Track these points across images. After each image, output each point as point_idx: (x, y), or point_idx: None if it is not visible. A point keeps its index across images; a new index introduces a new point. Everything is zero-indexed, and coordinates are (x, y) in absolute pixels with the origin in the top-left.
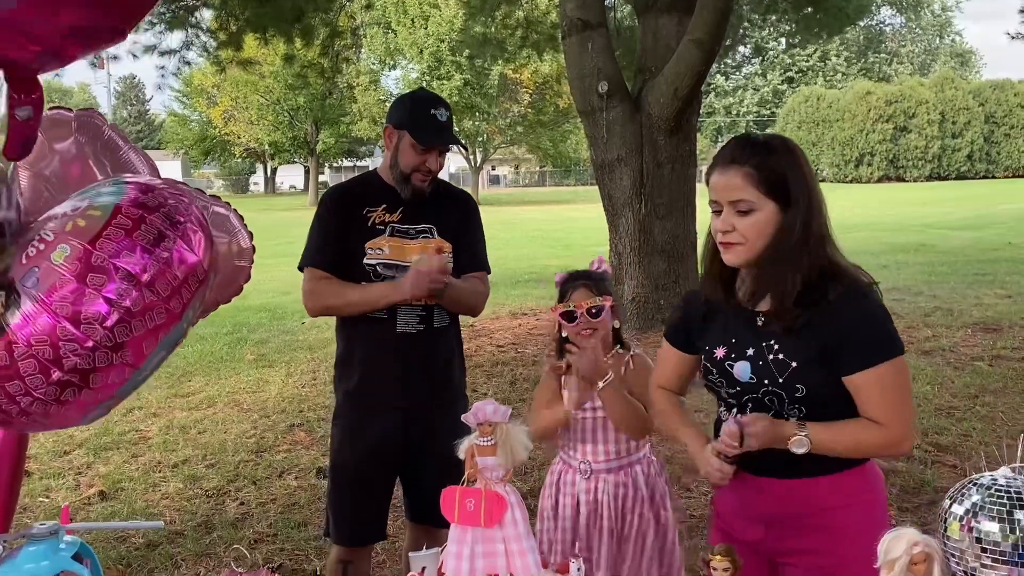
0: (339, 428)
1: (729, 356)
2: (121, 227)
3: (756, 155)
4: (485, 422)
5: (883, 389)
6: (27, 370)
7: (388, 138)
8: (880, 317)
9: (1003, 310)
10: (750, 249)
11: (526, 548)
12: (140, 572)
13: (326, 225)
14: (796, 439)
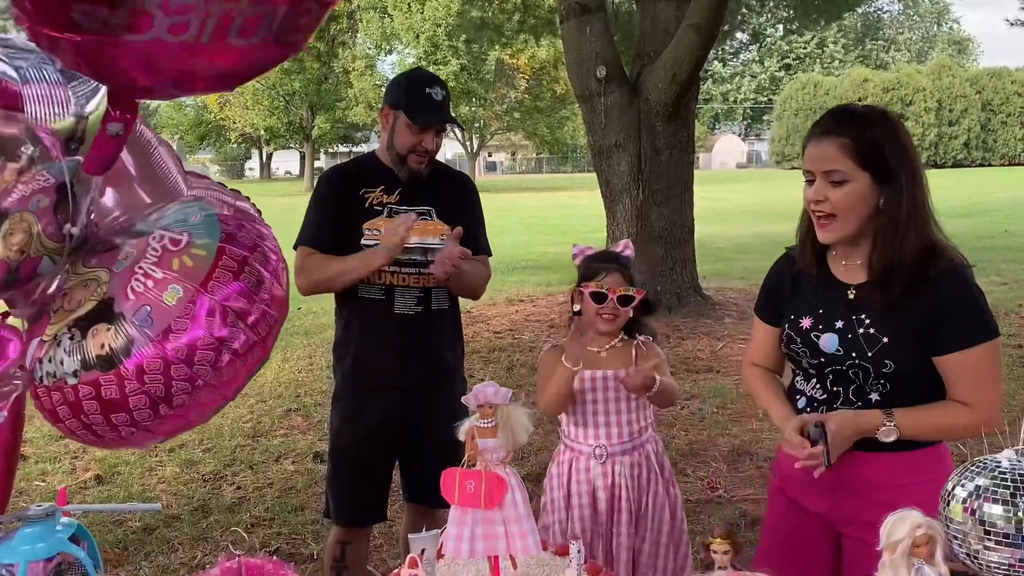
0: (338, 410)
1: (816, 327)
2: (228, 269)
3: (854, 127)
4: (486, 404)
5: (977, 371)
6: (137, 405)
7: (384, 119)
8: (978, 298)
9: (999, 297)
10: (844, 225)
11: (526, 530)
12: (137, 556)
13: (322, 206)
14: (884, 429)
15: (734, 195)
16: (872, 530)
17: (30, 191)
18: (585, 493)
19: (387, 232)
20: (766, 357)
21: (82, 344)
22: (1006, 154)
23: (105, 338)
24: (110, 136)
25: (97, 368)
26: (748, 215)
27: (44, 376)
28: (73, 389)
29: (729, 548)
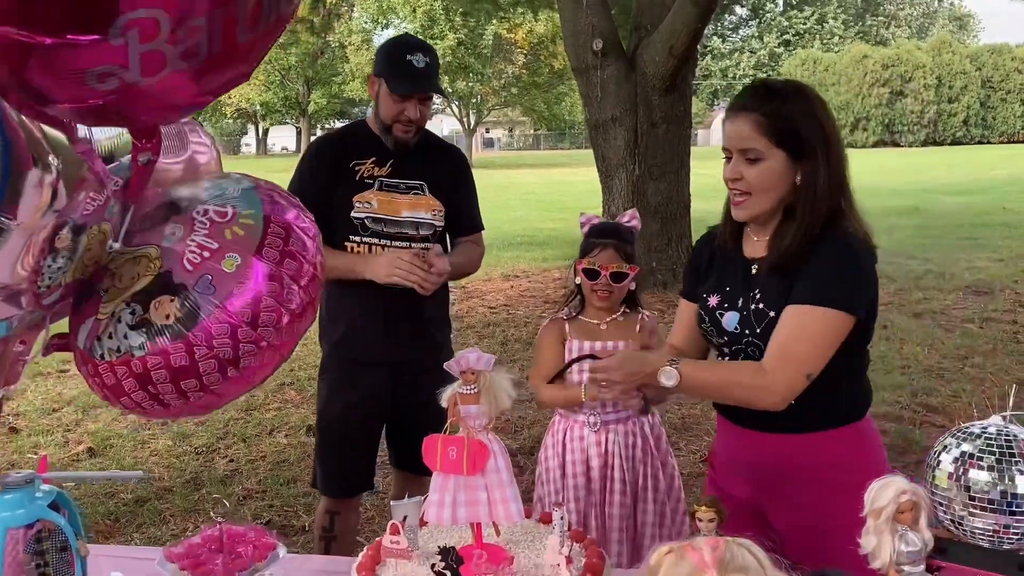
0: (326, 381)
1: (721, 305)
2: (277, 236)
3: (768, 102)
4: (468, 370)
5: (792, 330)
6: (206, 370)
7: (371, 87)
8: (846, 267)
9: (995, 273)
10: (759, 202)
11: (509, 496)
12: (128, 527)
13: (311, 176)
14: (664, 370)
15: None
16: (806, 513)
17: (103, 200)
18: (579, 462)
19: (390, 262)
20: (683, 336)
21: (146, 317)
22: (1005, 131)
23: (169, 309)
24: (142, 165)
25: (165, 337)
26: None
27: (106, 353)
28: (141, 361)
29: (715, 516)
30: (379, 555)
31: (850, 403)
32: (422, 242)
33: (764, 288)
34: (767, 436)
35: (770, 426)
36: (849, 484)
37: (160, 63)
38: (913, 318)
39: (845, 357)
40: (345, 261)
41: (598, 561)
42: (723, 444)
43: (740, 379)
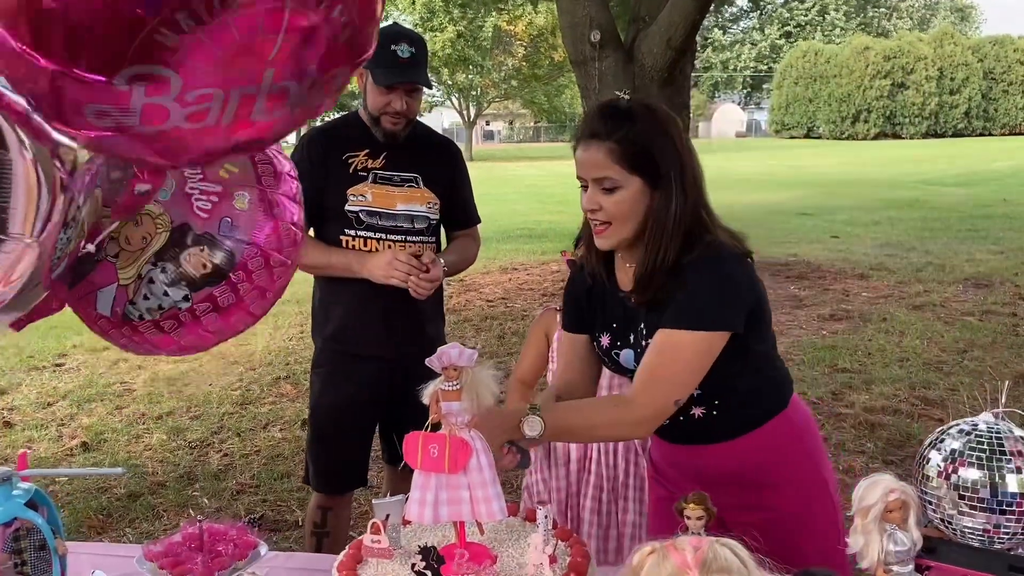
0: (319, 376)
1: (615, 344)
2: (264, 163)
3: (618, 127)
4: (450, 366)
5: (658, 355)
6: (251, 299)
7: (359, 78)
8: (711, 285)
9: (995, 266)
10: (619, 231)
11: (491, 495)
12: (121, 522)
13: (301, 169)
14: (527, 420)
15: (732, 164)
16: (757, 512)
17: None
18: (562, 452)
19: (388, 263)
20: (571, 372)
21: (182, 272)
22: (1007, 123)
23: (202, 258)
24: (138, 195)
25: (209, 285)
26: (746, 184)
27: (145, 313)
28: (190, 311)
29: (703, 514)
30: (360, 554)
31: (767, 400)
32: (418, 235)
33: (647, 320)
34: (694, 448)
35: (694, 439)
36: (791, 476)
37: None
38: (913, 311)
39: (744, 362)
40: (341, 258)
41: (583, 560)
42: (658, 453)
43: (603, 418)
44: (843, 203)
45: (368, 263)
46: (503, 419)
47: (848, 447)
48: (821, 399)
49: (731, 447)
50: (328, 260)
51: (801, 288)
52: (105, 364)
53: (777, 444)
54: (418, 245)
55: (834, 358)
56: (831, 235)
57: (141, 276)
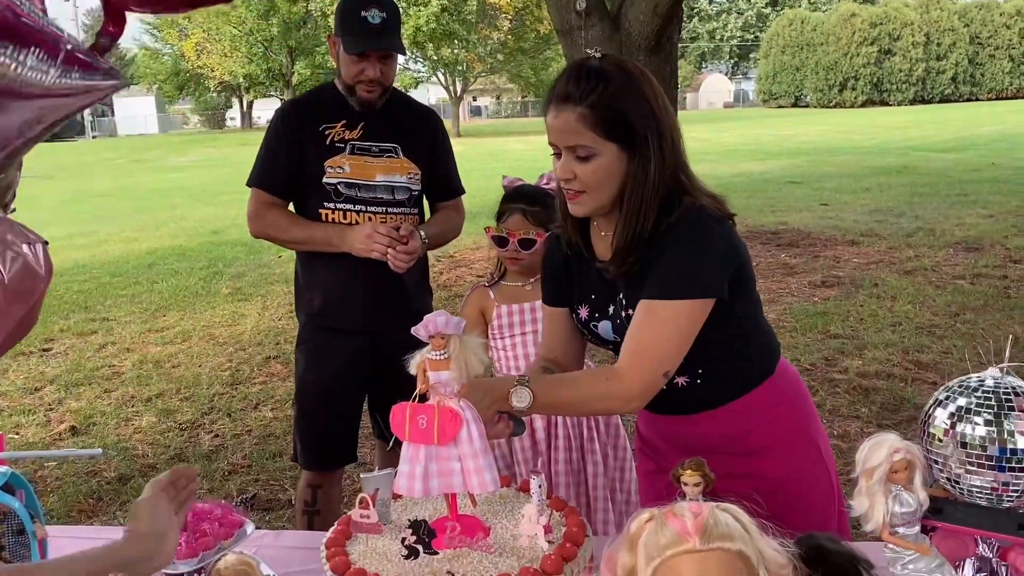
0: (304, 352)
1: (593, 316)
2: None
3: (591, 90)
4: (437, 334)
5: (643, 326)
6: None
7: (332, 47)
8: (693, 251)
9: (984, 229)
10: (595, 198)
11: (483, 465)
12: (111, 505)
13: (277, 143)
14: (516, 391)
15: (720, 135)
16: (747, 480)
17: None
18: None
19: (368, 236)
20: (555, 346)
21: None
22: (993, 88)
23: None
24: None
25: None
26: (734, 154)
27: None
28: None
29: (700, 480)
30: (349, 530)
31: (756, 363)
32: (399, 207)
33: (625, 290)
34: (680, 418)
35: (680, 409)
36: (780, 442)
37: None
38: (904, 276)
39: (728, 328)
40: (321, 232)
41: (578, 530)
42: (644, 424)
43: (593, 392)
44: (832, 171)
45: (348, 236)
46: (491, 389)
47: (842, 412)
48: (814, 365)
49: (717, 415)
50: (308, 235)
51: (792, 256)
52: (92, 348)
53: (765, 410)
54: (399, 217)
55: (826, 324)
56: (820, 203)
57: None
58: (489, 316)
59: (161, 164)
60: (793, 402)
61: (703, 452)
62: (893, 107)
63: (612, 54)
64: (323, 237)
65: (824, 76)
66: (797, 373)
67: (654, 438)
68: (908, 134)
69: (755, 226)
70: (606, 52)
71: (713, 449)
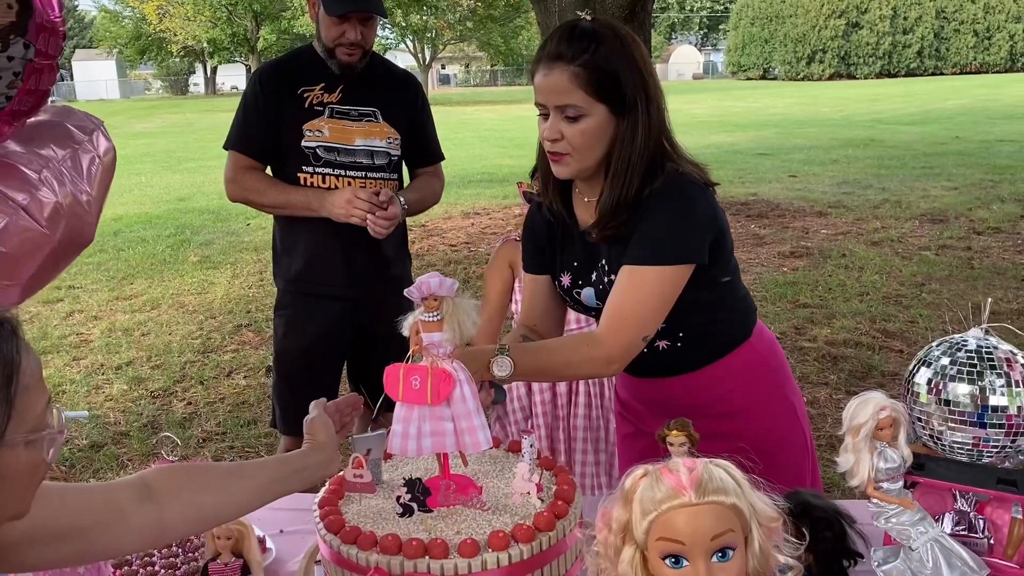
0: (282, 318)
1: (576, 283)
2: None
3: (584, 50)
4: (430, 296)
5: (624, 290)
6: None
7: (312, 8)
8: (675, 217)
9: (949, 201)
10: (580, 160)
11: (476, 425)
12: (85, 473)
13: (255, 105)
14: (496, 360)
15: (689, 106)
16: (726, 441)
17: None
18: None
19: (348, 201)
20: (535, 313)
21: None
22: (958, 63)
23: None
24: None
25: None
26: (704, 126)
27: None
28: None
29: (685, 440)
30: (342, 489)
31: (734, 327)
32: (378, 172)
33: (608, 256)
34: (660, 380)
35: (659, 372)
36: (758, 404)
37: None
38: (871, 247)
39: (708, 291)
40: (300, 197)
41: (569, 488)
42: (623, 388)
43: (573, 357)
44: (800, 143)
45: (327, 201)
46: (473, 359)
47: (812, 379)
48: (784, 334)
49: (696, 378)
50: (287, 198)
51: (761, 227)
52: (59, 316)
53: (743, 373)
54: (379, 182)
55: (796, 294)
56: (789, 174)
57: None
58: (517, 270)
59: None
60: (770, 364)
61: (682, 414)
62: (860, 80)
63: (603, 17)
64: (302, 201)
65: (793, 48)
66: (773, 336)
67: (633, 401)
68: (875, 107)
69: (725, 197)
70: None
71: (692, 411)
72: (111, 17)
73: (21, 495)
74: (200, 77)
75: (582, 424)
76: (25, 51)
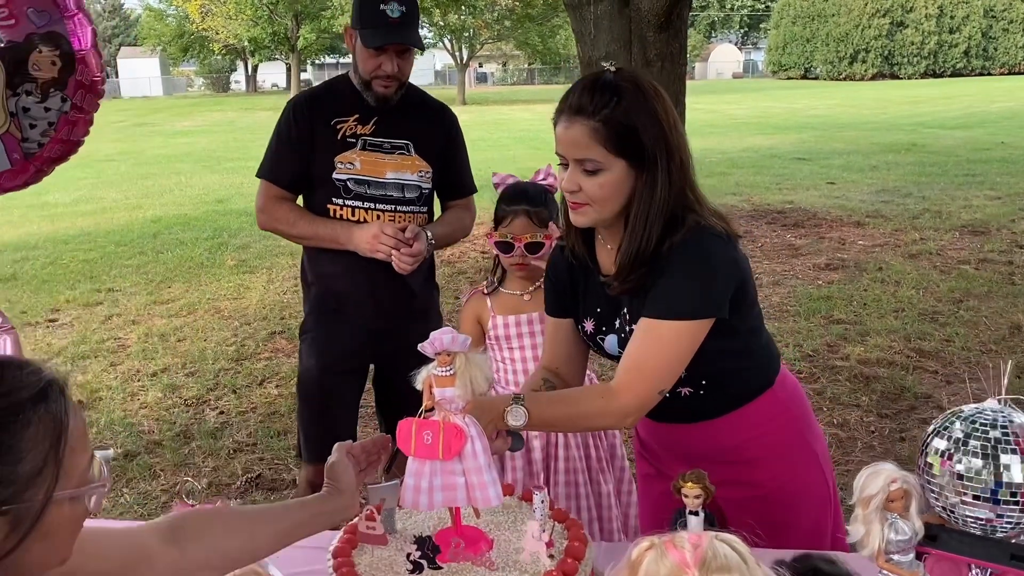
0: (306, 343)
1: (599, 330)
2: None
3: (604, 104)
4: (443, 351)
5: (641, 344)
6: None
7: (348, 40)
8: (695, 271)
9: (992, 212)
10: (599, 211)
11: (487, 481)
12: (118, 483)
13: (288, 136)
14: (511, 410)
15: (728, 106)
16: (742, 488)
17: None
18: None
19: (374, 236)
20: (557, 356)
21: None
22: (1006, 63)
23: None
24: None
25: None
26: (742, 127)
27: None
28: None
29: (701, 492)
30: (355, 539)
31: (753, 378)
32: (408, 205)
33: (629, 305)
34: (681, 426)
35: (680, 418)
36: (779, 452)
37: None
38: (908, 259)
39: (730, 341)
40: (328, 230)
41: (580, 545)
42: (643, 429)
43: (588, 409)
44: (840, 147)
45: (354, 236)
46: (487, 408)
47: (843, 401)
48: (816, 351)
49: (717, 425)
50: (315, 231)
51: (797, 236)
52: (98, 320)
53: (764, 421)
54: (407, 216)
55: (830, 309)
56: (827, 181)
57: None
58: (485, 326)
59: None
60: (792, 412)
61: (702, 460)
62: (904, 80)
63: (627, 68)
64: (329, 234)
65: (835, 48)
66: (796, 381)
67: (653, 443)
68: (917, 109)
69: (761, 204)
70: (620, 66)
71: (712, 457)
72: (155, 15)
73: (65, 545)
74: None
75: (564, 492)
76: (62, 104)
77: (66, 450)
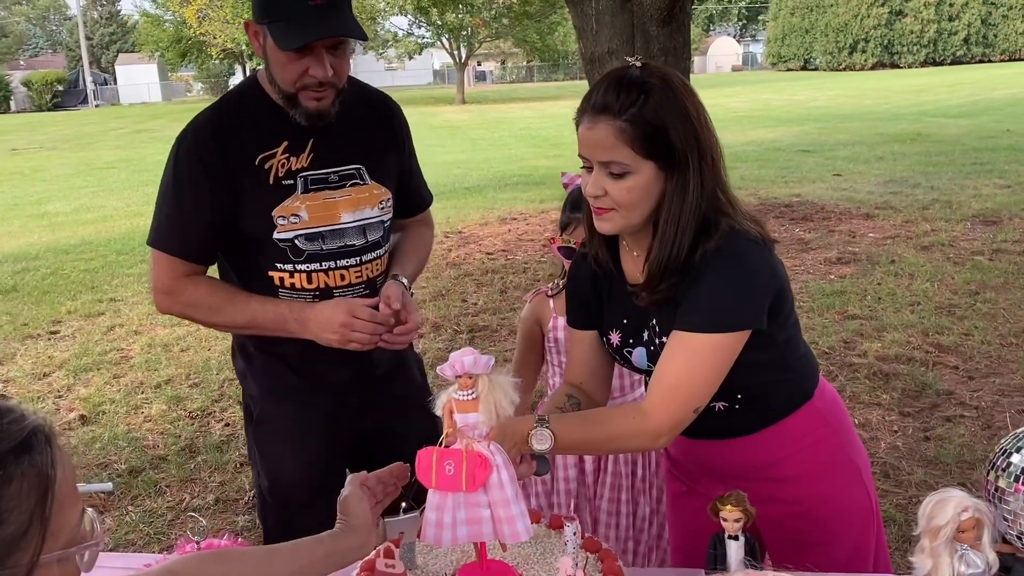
0: (264, 434)
1: (626, 342)
2: None
3: (632, 103)
4: (464, 374)
5: (676, 360)
6: None
7: (254, 40)
8: (731, 282)
9: (1002, 201)
10: (626, 217)
11: (515, 514)
12: (123, 500)
13: (193, 191)
14: (535, 433)
15: (728, 99)
16: (776, 505)
17: None
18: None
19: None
20: (581, 371)
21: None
22: (1007, 49)
23: None
24: None
25: None
26: (744, 121)
27: None
28: None
29: (741, 516)
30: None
31: (791, 390)
32: (373, 251)
33: (658, 316)
34: (715, 443)
35: (715, 434)
36: (819, 468)
37: None
38: (921, 251)
39: (767, 352)
40: (271, 315)
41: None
42: (675, 447)
43: (618, 430)
44: (844, 138)
45: (311, 323)
46: (510, 431)
47: (863, 399)
48: (832, 348)
49: (753, 442)
50: (250, 317)
51: (806, 230)
52: (100, 330)
53: (803, 436)
54: (373, 264)
55: (844, 304)
56: (833, 173)
57: None
58: (545, 327)
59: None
60: (832, 425)
61: (737, 477)
62: (904, 69)
63: (654, 63)
64: (273, 320)
65: (834, 38)
66: (835, 393)
67: (685, 461)
68: (920, 98)
69: (768, 198)
70: (646, 61)
71: (748, 474)
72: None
73: None
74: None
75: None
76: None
77: (54, 506)
